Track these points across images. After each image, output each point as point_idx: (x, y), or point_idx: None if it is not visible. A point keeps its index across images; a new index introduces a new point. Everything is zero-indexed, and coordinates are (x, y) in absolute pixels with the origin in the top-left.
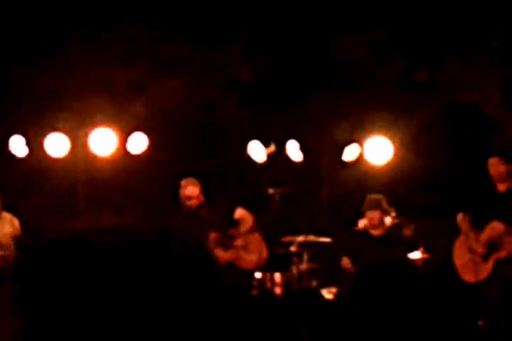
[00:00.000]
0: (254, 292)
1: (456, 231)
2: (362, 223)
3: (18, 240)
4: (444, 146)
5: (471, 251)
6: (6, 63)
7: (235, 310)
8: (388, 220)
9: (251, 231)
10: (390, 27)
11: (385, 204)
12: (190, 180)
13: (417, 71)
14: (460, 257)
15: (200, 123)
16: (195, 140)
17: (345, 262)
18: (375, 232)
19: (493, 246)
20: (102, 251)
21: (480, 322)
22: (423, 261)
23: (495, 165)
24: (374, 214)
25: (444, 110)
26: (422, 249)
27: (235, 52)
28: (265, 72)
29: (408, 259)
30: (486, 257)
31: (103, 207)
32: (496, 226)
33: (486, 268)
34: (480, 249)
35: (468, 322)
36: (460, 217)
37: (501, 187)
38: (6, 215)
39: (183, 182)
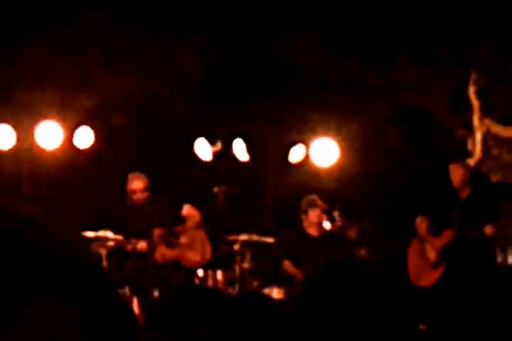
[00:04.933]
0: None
1: (403, 234)
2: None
3: None
4: (392, 148)
5: (423, 256)
6: None
7: (178, 309)
8: (327, 224)
9: (196, 228)
10: (341, 27)
11: (322, 204)
12: (137, 174)
13: (366, 72)
14: (412, 260)
15: (148, 118)
16: (142, 135)
17: (287, 265)
18: (314, 232)
19: (445, 253)
20: None
21: (420, 326)
22: (365, 260)
23: (456, 171)
24: (315, 212)
25: (393, 112)
26: (365, 248)
27: (186, 48)
28: (215, 70)
29: (352, 257)
30: (436, 265)
31: (47, 201)
32: (451, 234)
33: (434, 275)
34: (432, 256)
35: (408, 325)
36: (419, 220)
37: (462, 194)
38: None
39: (129, 176)
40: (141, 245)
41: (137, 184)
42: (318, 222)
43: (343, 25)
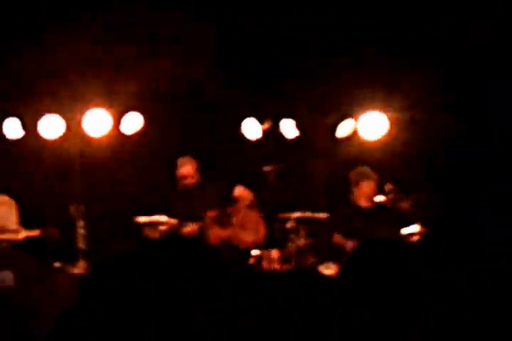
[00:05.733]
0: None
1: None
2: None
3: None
4: (438, 120)
5: None
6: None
7: (235, 288)
8: (380, 196)
9: (249, 208)
10: None
11: (374, 175)
12: (186, 158)
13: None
14: None
15: (194, 101)
16: (189, 118)
17: (337, 237)
18: (366, 204)
19: None
20: None
21: None
22: (420, 234)
23: None
24: (367, 184)
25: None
26: (419, 222)
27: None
28: (261, 47)
29: (404, 236)
30: None
31: (99, 188)
32: None
33: None
34: None
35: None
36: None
37: None
38: (2, 197)
39: (178, 161)
40: (192, 228)
41: (187, 168)
42: (371, 193)
43: None
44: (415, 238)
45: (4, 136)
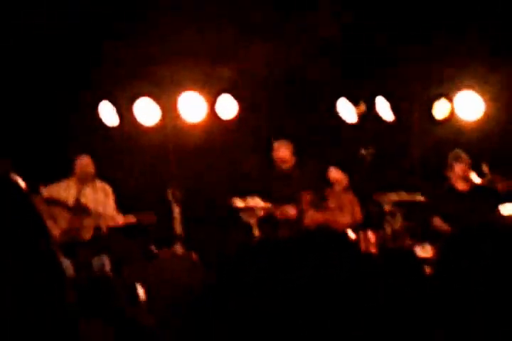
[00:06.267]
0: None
1: None
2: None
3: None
4: None
5: None
6: (96, 32)
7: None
8: (477, 178)
9: (345, 191)
10: None
11: (465, 157)
12: (283, 142)
13: None
14: None
15: (289, 85)
16: (284, 102)
17: (437, 221)
18: (462, 187)
19: None
20: None
21: None
22: None
23: None
24: (459, 166)
25: None
26: None
27: (323, 13)
28: (353, 30)
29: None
30: None
31: (195, 173)
32: None
33: None
34: None
35: None
36: None
37: None
38: (99, 183)
39: (275, 145)
40: (291, 211)
41: (283, 151)
42: (463, 175)
43: None
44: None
45: (101, 122)
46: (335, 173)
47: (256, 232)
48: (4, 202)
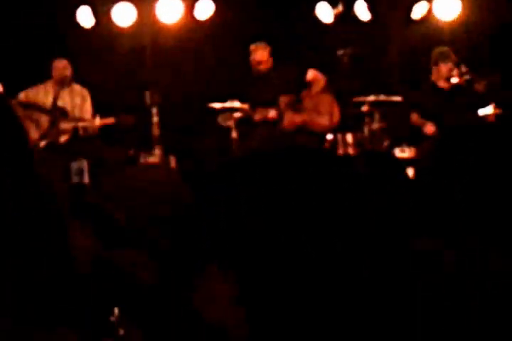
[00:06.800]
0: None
1: None
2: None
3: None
4: None
5: None
6: None
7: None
8: (455, 78)
9: (322, 92)
10: None
11: (454, 57)
12: (260, 44)
13: None
14: None
15: None
16: (261, 3)
17: (415, 117)
18: (444, 85)
19: None
20: None
21: None
22: (495, 116)
23: None
24: (446, 65)
25: None
26: (493, 104)
27: None
28: None
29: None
30: None
31: (172, 75)
32: None
33: None
34: None
35: None
36: None
37: None
38: (76, 87)
39: (252, 47)
40: (272, 113)
41: (261, 54)
42: (449, 75)
43: None
44: (490, 119)
45: (78, 24)
46: (312, 74)
47: (234, 134)
48: None
